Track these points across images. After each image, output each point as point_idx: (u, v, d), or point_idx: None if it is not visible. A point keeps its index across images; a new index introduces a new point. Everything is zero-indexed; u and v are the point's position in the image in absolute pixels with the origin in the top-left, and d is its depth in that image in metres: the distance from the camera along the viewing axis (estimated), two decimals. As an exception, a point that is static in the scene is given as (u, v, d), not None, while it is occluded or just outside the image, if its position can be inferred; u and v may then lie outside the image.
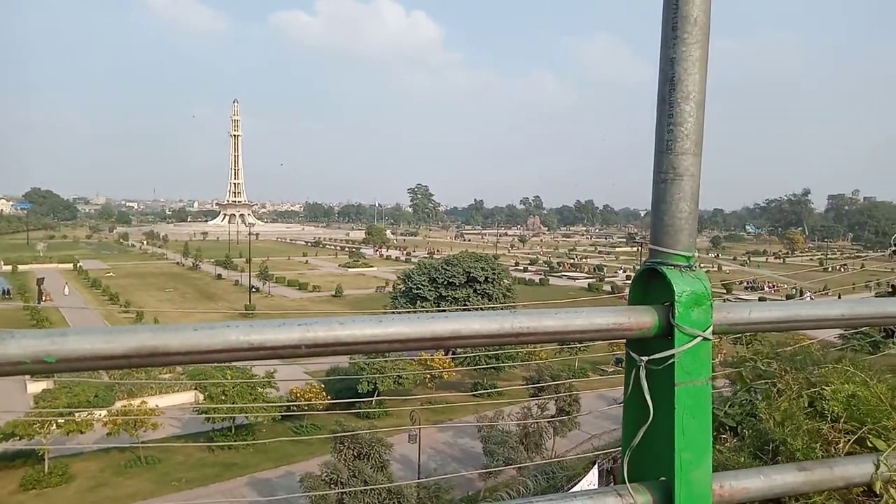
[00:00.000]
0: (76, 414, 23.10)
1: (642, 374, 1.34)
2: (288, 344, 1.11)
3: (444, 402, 30.06)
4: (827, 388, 1.78)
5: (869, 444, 1.70)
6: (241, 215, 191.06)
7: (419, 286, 35.66)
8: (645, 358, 1.34)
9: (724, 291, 68.00)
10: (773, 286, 73.06)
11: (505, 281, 38.65)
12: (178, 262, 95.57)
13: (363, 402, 28.27)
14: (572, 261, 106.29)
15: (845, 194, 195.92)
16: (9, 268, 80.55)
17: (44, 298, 56.65)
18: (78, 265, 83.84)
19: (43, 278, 61.66)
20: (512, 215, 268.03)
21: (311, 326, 1.12)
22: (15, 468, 23.28)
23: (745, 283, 76.54)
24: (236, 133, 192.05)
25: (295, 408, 26.77)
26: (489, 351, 30.68)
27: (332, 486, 15.17)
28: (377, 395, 27.88)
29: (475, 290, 35.61)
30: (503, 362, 30.28)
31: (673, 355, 1.30)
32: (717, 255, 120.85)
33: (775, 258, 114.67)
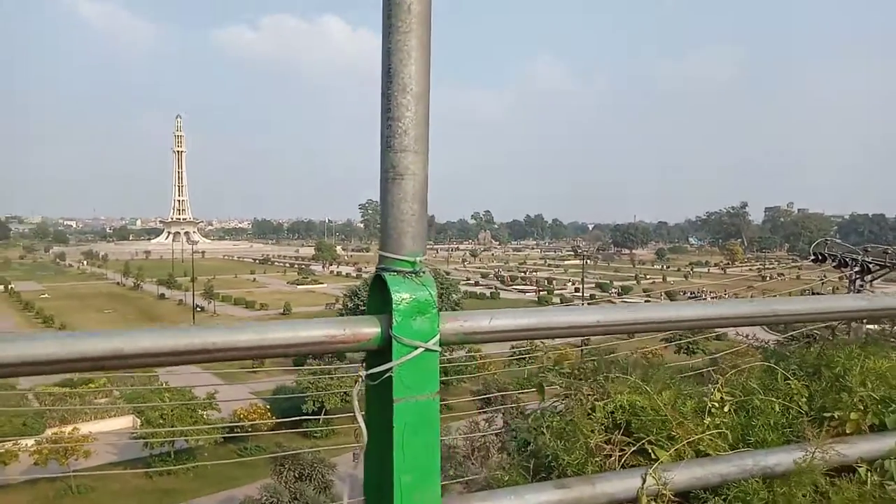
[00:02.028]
0: None
1: (355, 391, 1.24)
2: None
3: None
4: (622, 398, 1.74)
5: (654, 457, 1.62)
6: (186, 233, 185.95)
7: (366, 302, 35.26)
8: (364, 373, 1.24)
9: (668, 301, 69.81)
10: (717, 296, 75.54)
11: (453, 296, 38.66)
12: (118, 283, 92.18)
13: (308, 420, 27.68)
14: (522, 274, 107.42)
15: (781, 206, 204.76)
16: (-68, 291, 76.17)
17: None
18: (10, 287, 79.83)
19: (-31, 301, 58.42)
20: (463, 230, 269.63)
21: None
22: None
23: (689, 293, 79.06)
24: (180, 149, 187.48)
25: (239, 429, 25.97)
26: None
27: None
28: (324, 414, 27.33)
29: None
30: (449, 376, 30.16)
31: (391, 369, 1.20)
32: (663, 267, 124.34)
33: (717, 269, 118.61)
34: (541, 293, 79.88)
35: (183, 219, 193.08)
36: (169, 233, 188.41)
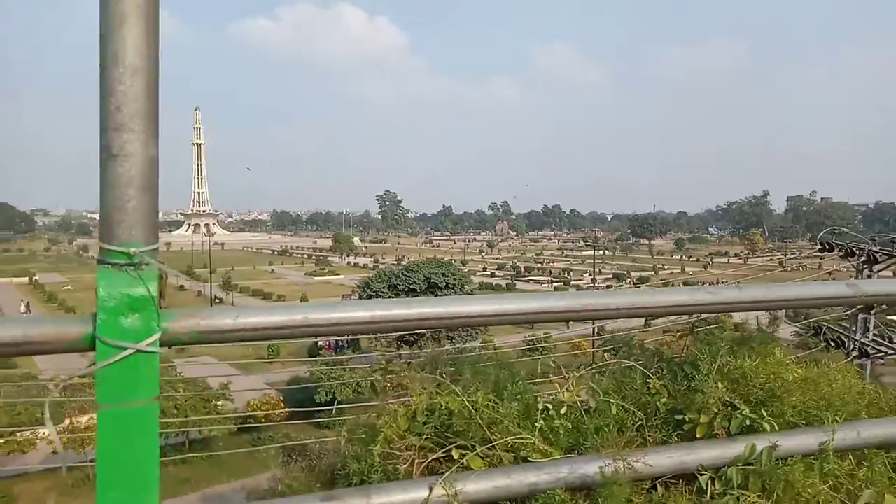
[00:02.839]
0: (17, 434, 22.25)
1: (46, 402, 1.13)
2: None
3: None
4: (442, 399, 1.61)
5: (465, 465, 1.48)
6: (206, 225, 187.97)
7: (379, 293, 35.38)
8: (66, 377, 1.14)
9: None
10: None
11: (466, 287, 38.59)
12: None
13: (319, 410, 27.83)
14: (539, 265, 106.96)
15: (803, 195, 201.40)
16: (-41, 282, 77.87)
17: (-5, 313, 54.83)
18: (34, 279, 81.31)
19: (-7, 293, 59.60)
20: (481, 221, 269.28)
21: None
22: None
23: (708, 284, 78.06)
24: (199, 142, 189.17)
25: (252, 420, 26.21)
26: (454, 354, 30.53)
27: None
28: (336, 404, 27.45)
29: (436, 296, 35.48)
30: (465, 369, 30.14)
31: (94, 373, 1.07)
32: (682, 258, 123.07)
33: (737, 259, 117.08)
34: (556, 284, 79.51)
35: (203, 211, 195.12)
36: (189, 224, 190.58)
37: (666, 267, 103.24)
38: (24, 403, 25.24)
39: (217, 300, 62.93)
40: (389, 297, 35.77)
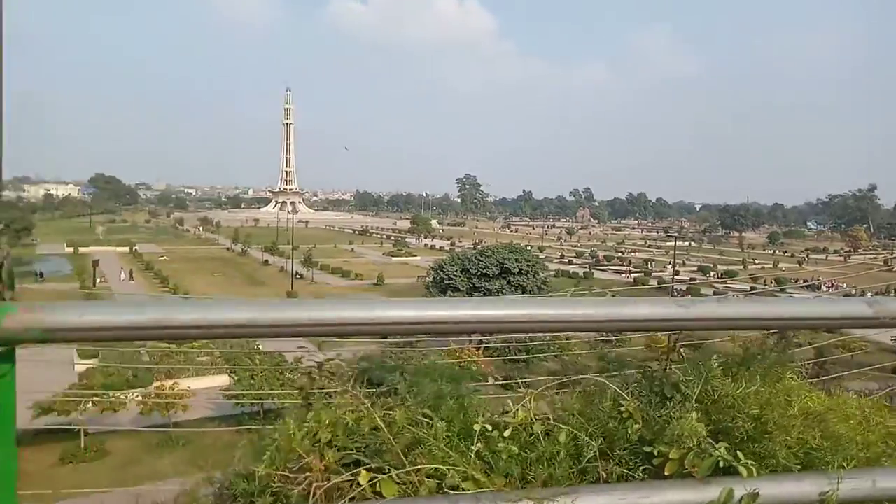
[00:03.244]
0: (112, 393, 23.92)
1: None
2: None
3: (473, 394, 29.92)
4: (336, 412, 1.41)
5: (377, 490, 1.30)
6: (292, 203, 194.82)
7: (451, 276, 35.45)
8: None
9: (778, 289, 65.35)
10: (833, 285, 69.60)
11: (541, 274, 38.02)
12: (228, 248, 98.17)
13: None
14: (620, 254, 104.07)
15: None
16: (70, 249, 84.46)
17: (98, 280, 59.13)
18: (134, 248, 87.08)
19: (98, 260, 64.21)
20: (562, 207, 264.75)
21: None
22: (56, 442, 24.30)
23: (803, 282, 73.26)
24: (288, 121, 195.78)
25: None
26: (520, 342, 30.31)
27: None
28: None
29: (508, 282, 35.15)
30: (530, 353, 29.78)
31: None
32: (775, 252, 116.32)
33: (837, 256, 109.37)
34: (636, 274, 77.17)
35: (290, 189, 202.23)
36: (276, 202, 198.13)
37: (756, 261, 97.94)
38: (122, 366, 27.14)
39: (298, 276, 65.24)
40: (462, 280, 35.80)
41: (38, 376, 24.83)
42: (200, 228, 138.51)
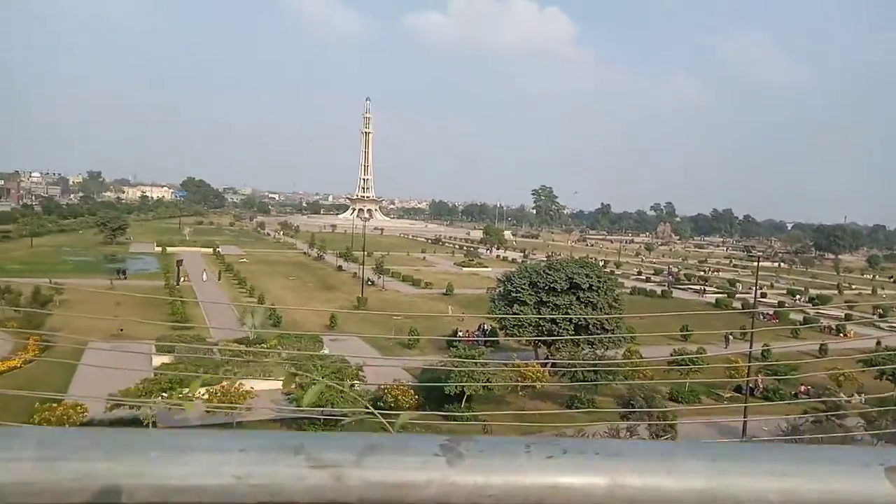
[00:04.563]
0: (179, 389, 24.43)
1: None
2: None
3: (535, 412, 28.80)
4: None
5: None
6: (369, 210, 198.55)
7: (518, 289, 34.43)
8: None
9: (877, 318, 60.30)
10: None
11: (615, 291, 36.39)
12: (305, 252, 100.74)
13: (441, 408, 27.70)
14: (702, 273, 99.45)
15: None
16: (159, 249, 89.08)
17: (182, 279, 61.79)
18: (217, 250, 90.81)
19: (181, 260, 67.19)
20: (641, 221, 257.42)
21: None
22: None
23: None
24: (367, 130, 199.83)
25: (382, 404, 26.67)
26: (588, 362, 28.99)
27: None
28: (465, 400, 27.17)
29: (578, 298, 33.77)
30: (601, 377, 28.32)
31: None
32: (874, 277, 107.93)
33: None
34: (718, 295, 73.31)
35: (367, 197, 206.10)
36: (353, 209, 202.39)
37: (853, 286, 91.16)
38: (193, 363, 27.78)
39: (369, 282, 65.88)
40: (529, 293, 34.74)
41: (118, 364, 25.80)
42: (280, 232, 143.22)
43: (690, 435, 23.63)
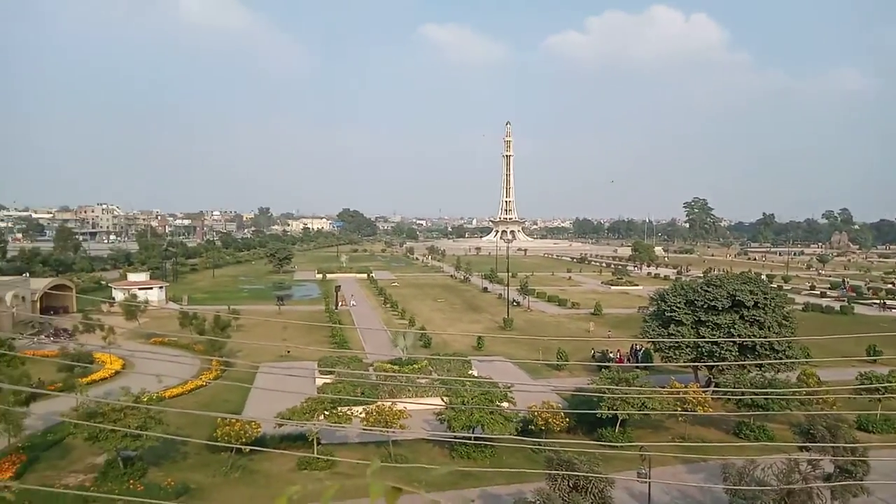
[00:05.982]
0: (340, 408, 25.86)
1: None
2: None
3: (699, 440, 26.85)
4: None
5: None
6: (512, 231, 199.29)
7: (674, 308, 32.41)
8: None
9: None
10: None
11: (784, 307, 33.17)
12: (451, 275, 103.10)
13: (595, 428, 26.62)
14: (890, 285, 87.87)
15: None
16: (320, 276, 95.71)
17: (340, 304, 65.84)
18: (371, 275, 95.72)
19: (339, 286, 71.65)
20: (811, 231, 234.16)
21: None
22: (294, 449, 26.92)
23: None
24: (508, 153, 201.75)
25: (532, 427, 26.32)
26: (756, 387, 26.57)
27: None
28: (618, 424, 26.01)
29: (741, 317, 31.06)
30: (774, 403, 25.76)
31: None
32: None
33: None
34: (913, 311, 64.18)
35: (509, 218, 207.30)
36: (496, 231, 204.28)
37: None
38: (353, 383, 29.29)
39: (514, 303, 65.77)
40: (686, 312, 32.65)
41: (285, 386, 27.93)
42: (428, 256, 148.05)
43: (886, 471, 20.69)
